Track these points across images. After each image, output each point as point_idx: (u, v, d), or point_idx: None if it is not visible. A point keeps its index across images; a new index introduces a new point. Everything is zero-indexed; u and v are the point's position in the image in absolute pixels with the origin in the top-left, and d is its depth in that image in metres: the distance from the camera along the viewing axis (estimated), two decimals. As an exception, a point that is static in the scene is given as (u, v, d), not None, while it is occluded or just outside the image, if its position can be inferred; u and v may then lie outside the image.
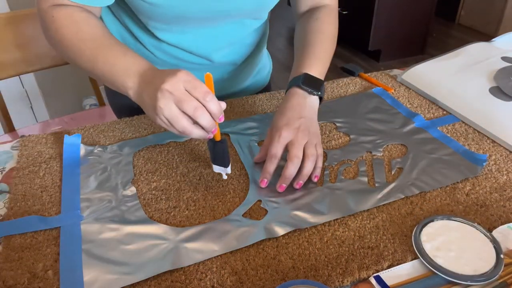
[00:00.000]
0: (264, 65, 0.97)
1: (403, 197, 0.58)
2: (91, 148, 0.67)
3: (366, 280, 0.47)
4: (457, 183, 0.60)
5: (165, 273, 0.47)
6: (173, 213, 0.55)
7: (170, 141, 0.69)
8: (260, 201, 0.57)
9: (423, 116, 0.77)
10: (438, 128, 0.73)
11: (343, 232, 0.52)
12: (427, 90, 0.83)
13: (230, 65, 0.84)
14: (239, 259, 0.49)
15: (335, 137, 0.71)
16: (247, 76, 0.91)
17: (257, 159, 0.64)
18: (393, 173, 0.62)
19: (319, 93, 0.65)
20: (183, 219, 0.55)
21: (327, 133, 0.72)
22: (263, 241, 0.51)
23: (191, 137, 0.66)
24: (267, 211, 0.55)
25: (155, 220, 0.54)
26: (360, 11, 2.84)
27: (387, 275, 0.47)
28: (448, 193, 0.59)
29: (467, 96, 0.77)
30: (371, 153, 0.67)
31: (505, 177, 0.61)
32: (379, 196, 0.58)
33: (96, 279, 0.46)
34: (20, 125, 1.17)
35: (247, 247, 0.50)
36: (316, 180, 0.60)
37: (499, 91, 0.77)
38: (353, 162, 0.65)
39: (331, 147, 0.69)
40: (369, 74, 0.92)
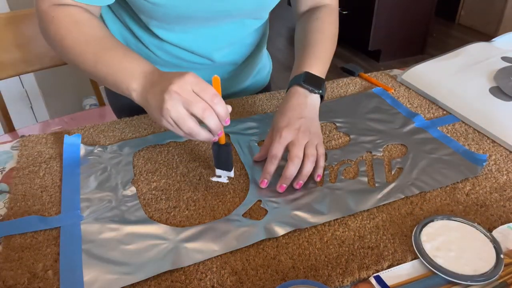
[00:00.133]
0: (264, 65, 0.97)
1: (403, 197, 0.58)
2: (91, 148, 0.67)
3: (366, 280, 0.47)
4: (457, 183, 0.60)
5: (165, 273, 0.47)
6: (173, 213, 0.55)
7: (170, 141, 0.69)
8: (260, 201, 0.57)
9: (423, 116, 0.77)
10: (438, 128, 0.73)
11: (343, 232, 0.52)
12: (427, 90, 0.83)
13: (230, 65, 0.84)
14: (239, 259, 0.49)
15: (335, 137, 0.71)
16: (247, 76, 0.91)
17: (257, 158, 0.64)
18: (393, 173, 0.62)
19: (320, 91, 0.65)
20: (183, 219, 0.55)
21: (327, 133, 0.72)
22: (263, 241, 0.51)
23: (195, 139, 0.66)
24: (267, 211, 0.55)
25: (155, 220, 0.54)
26: (360, 11, 2.84)
27: (387, 275, 0.47)
28: (448, 193, 0.59)
29: (467, 96, 0.77)
30: (371, 153, 0.67)
31: (505, 177, 0.61)
32: (379, 196, 0.58)
33: (96, 279, 0.46)
34: (20, 125, 1.17)
35: (247, 247, 0.50)
36: (319, 179, 0.60)
37: (499, 91, 0.77)
38: (353, 162, 0.65)
39: (331, 147, 0.69)
40: (369, 74, 0.92)
